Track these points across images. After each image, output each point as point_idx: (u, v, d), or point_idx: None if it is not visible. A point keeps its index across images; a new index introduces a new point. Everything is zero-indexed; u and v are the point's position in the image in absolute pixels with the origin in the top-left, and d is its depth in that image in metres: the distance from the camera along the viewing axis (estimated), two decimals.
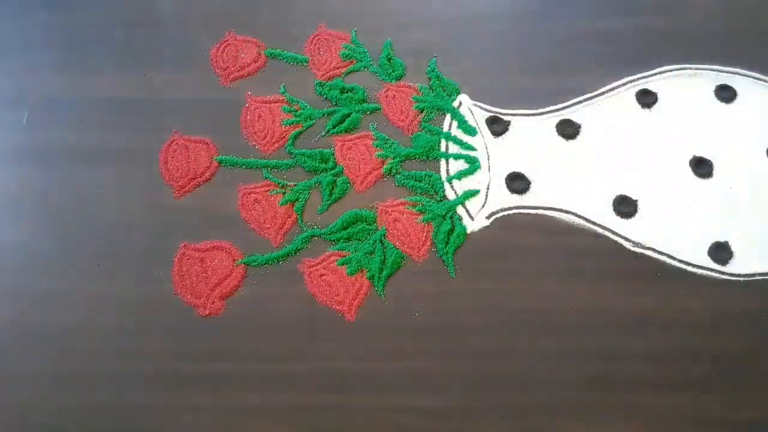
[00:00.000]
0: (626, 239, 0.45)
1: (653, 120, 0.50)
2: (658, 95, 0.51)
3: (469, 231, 0.46)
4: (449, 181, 0.48)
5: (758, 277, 0.44)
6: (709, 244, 0.45)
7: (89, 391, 0.41)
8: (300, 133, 0.50)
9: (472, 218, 0.46)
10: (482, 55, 0.53)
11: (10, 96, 0.52)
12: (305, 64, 0.53)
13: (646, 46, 0.53)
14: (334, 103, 0.51)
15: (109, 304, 0.43)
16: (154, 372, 0.41)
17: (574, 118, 0.50)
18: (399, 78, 0.52)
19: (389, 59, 0.53)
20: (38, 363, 0.42)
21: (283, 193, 0.47)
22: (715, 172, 0.48)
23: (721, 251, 0.45)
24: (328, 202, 0.47)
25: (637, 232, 0.46)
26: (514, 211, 0.47)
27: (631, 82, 0.52)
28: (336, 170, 0.48)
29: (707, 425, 0.40)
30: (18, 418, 0.41)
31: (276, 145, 0.49)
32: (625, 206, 0.46)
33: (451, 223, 0.46)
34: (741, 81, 0.52)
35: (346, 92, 0.51)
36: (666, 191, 0.47)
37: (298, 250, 0.45)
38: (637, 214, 0.46)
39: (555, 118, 0.50)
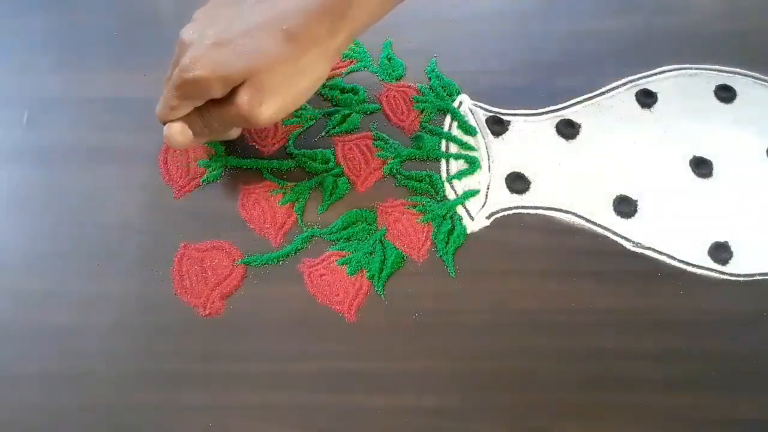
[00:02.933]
0: (626, 239, 0.45)
1: (653, 120, 0.50)
2: (658, 95, 0.51)
3: (469, 231, 0.46)
4: (449, 181, 0.48)
5: (758, 277, 0.44)
6: (709, 244, 0.45)
7: (89, 391, 0.41)
8: (300, 133, 0.50)
9: (472, 218, 0.46)
10: (482, 55, 0.53)
11: (10, 96, 0.52)
12: None
13: (646, 46, 0.53)
14: (334, 103, 0.51)
15: (109, 304, 0.43)
16: (154, 372, 0.41)
17: (574, 118, 0.50)
18: (399, 78, 0.52)
19: (389, 59, 0.53)
20: (38, 363, 0.42)
21: (284, 193, 0.47)
22: (715, 172, 0.48)
23: (721, 251, 0.45)
24: (328, 202, 0.47)
25: (637, 232, 0.46)
26: (514, 211, 0.47)
27: (631, 82, 0.52)
28: (336, 170, 0.48)
29: (707, 425, 0.40)
30: (18, 418, 0.40)
31: (276, 145, 0.49)
32: (625, 206, 0.46)
33: (451, 223, 0.46)
34: (741, 81, 0.52)
35: (346, 92, 0.51)
36: (666, 191, 0.47)
37: (298, 250, 0.45)
38: (637, 214, 0.46)
39: (555, 118, 0.50)
